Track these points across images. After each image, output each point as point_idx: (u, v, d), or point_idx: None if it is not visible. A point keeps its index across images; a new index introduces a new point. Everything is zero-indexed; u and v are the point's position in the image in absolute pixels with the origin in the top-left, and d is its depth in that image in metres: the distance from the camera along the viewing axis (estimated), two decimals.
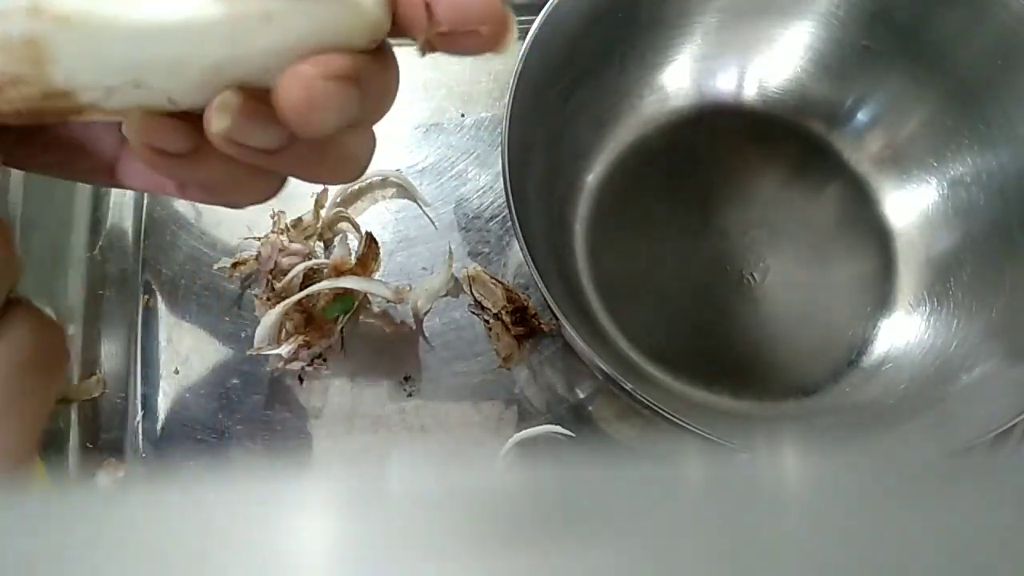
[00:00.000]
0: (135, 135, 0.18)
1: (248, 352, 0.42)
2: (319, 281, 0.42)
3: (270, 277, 0.43)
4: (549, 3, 0.38)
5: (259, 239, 0.44)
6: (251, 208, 0.46)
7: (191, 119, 0.18)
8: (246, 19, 0.17)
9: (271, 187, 0.21)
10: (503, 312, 0.43)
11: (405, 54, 0.20)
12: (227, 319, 0.44)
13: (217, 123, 0.18)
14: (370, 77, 0.19)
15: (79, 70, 0.17)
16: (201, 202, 0.23)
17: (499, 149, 0.37)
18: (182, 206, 0.46)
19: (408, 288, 0.43)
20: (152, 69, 0.17)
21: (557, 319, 0.35)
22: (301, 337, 0.41)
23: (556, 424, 0.42)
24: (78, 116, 0.18)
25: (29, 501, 0.11)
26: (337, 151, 0.21)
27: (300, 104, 0.17)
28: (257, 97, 0.18)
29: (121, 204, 0.47)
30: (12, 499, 0.11)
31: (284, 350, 0.41)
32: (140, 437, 0.42)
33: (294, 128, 0.18)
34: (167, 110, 0.18)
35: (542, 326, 0.43)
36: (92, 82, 0.17)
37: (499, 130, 0.48)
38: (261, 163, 0.19)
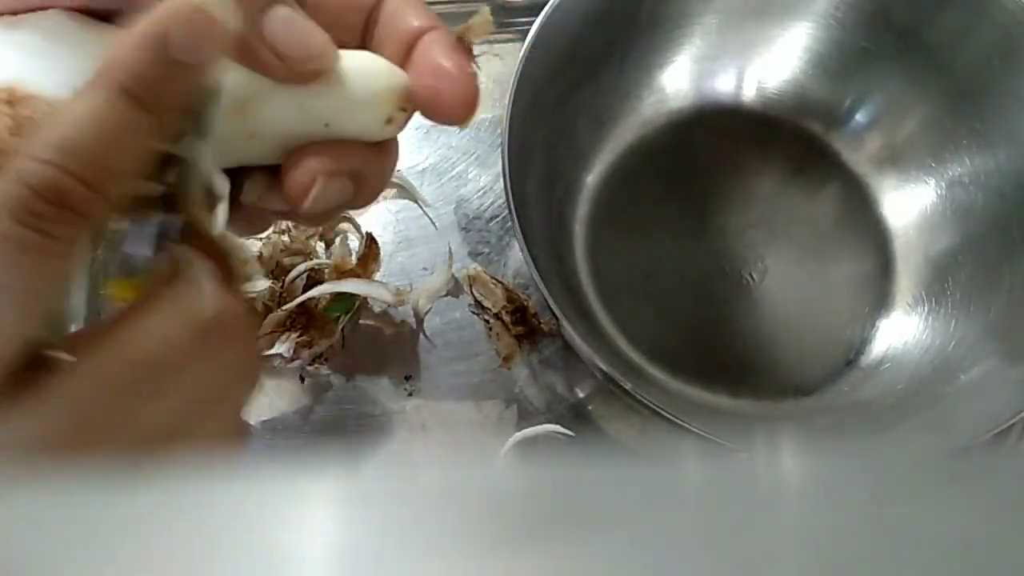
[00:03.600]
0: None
1: None
2: (320, 281, 0.42)
3: (271, 277, 0.43)
4: (549, 4, 0.39)
5: (261, 239, 0.44)
6: None
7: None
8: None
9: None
10: (503, 312, 0.43)
11: None
12: None
13: (247, 197, 0.22)
14: (369, 171, 0.23)
15: None
16: None
17: (499, 150, 0.37)
18: None
19: (408, 288, 0.43)
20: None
21: (557, 319, 0.35)
22: (302, 336, 0.41)
23: (556, 423, 0.42)
24: None
25: (29, 501, 0.11)
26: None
27: (299, 191, 0.22)
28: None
29: None
30: (12, 499, 0.11)
31: (285, 349, 0.41)
32: None
33: (294, 206, 0.22)
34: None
35: (542, 326, 0.43)
36: None
37: (499, 131, 0.48)
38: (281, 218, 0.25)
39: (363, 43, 0.24)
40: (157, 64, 0.18)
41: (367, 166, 0.23)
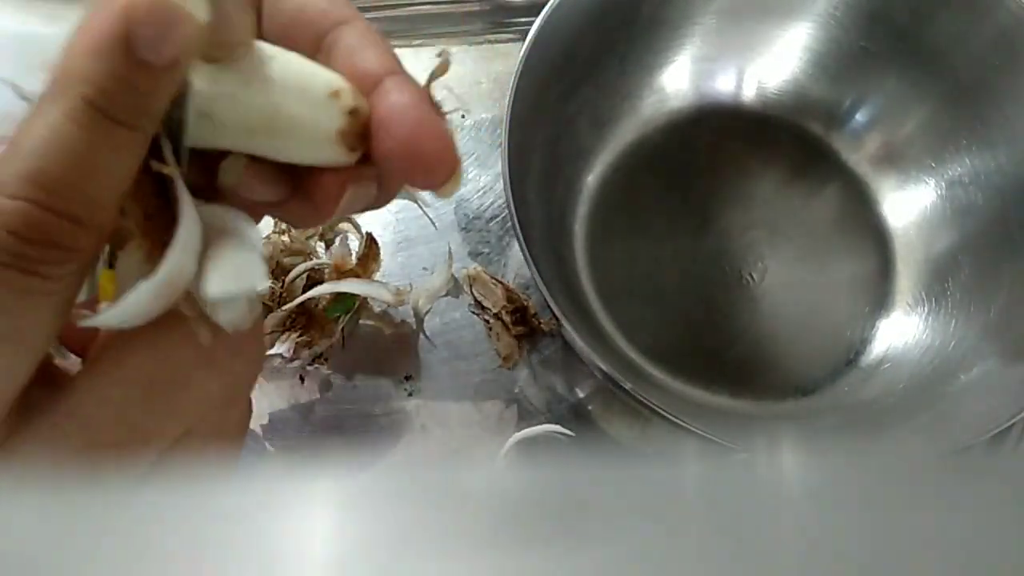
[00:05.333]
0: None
1: None
2: (320, 281, 0.42)
3: (271, 277, 0.43)
4: (549, 4, 0.39)
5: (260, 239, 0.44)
6: None
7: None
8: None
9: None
10: (503, 312, 0.43)
11: (406, 55, 0.20)
12: None
13: (224, 179, 0.19)
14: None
15: None
16: None
17: (499, 150, 0.37)
18: None
19: (408, 288, 0.43)
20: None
21: (557, 319, 0.35)
22: (302, 336, 0.41)
23: (556, 424, 0.42)
24: None
25: (29, 501, 0.11)
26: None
27: (327, 197, 0.20)
28: (260, 162, 0.19)
29: None
30: (12, 499, 0.11)
31: (285, 349, 0.41)
32: None
33: (320, 213, 0.20)
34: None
35: (542, 326, 0.43)
36: None
37: (499, 131, 0.48)
38: (264, 212, 0.21)
39: None
40: (123, 70, 0.16)
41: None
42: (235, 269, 0.18)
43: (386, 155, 0.19)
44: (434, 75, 0.20)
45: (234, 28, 0.18)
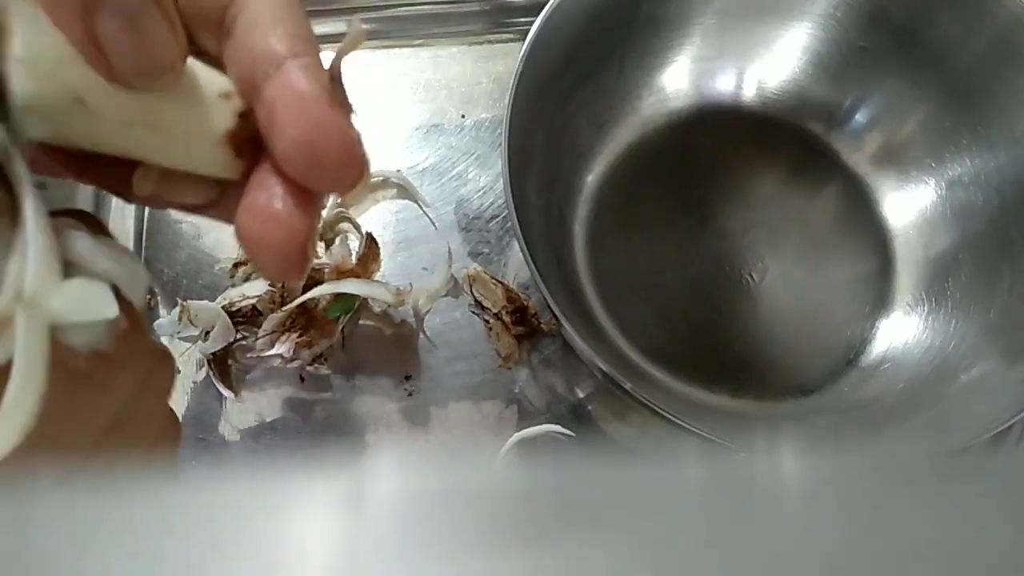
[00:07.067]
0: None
1: (249, 354, 0.42)
2: (320, 281, 0.42)
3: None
4: (549, 4, 0.39)
5: None
6: None
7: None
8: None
9: None
10: (503, 312, 0.43)
11: (406, 55, 0.20)
12: None
13: (139, 189, 0.18)
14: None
15: None
16: None
17: (499, 150, 0.37)
18: None
19: (408, 288, 0.43)
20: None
21: (557, 319, 0.35)
22: (302, 336, 0.41)
23: (556, 423, 0.42)
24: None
25: (30, 501, 0.11)
26: None
27: (294, 274, 0.18)
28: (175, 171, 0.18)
29: (123, 204, 0.47)
30: (13, 499, 0.11)
31: (285, 349, 0.41)
32: None
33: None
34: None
35: (542, 326, 0.43)
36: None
37: (499, 131, 0.48)
38: (198, 214, 0.20)
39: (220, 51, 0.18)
40: None
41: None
42: (79, 298, 0.16)
43: (282, 157, 0.17)
44: (342, 52, 0.18)
45: (161, 52, 0.16)
